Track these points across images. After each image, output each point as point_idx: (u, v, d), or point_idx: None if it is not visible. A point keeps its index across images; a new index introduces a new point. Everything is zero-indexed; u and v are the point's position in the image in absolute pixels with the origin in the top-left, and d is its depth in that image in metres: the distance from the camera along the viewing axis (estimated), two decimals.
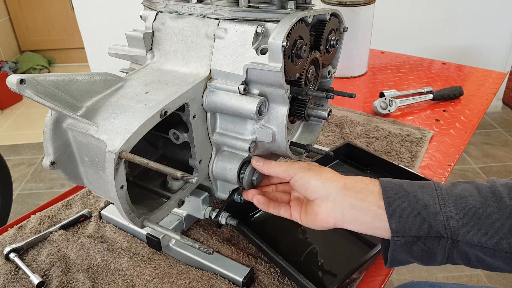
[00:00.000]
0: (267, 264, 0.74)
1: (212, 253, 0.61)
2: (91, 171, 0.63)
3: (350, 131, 1.17)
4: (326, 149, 0.89)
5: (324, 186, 0.60)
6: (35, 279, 0.71)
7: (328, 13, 0.71)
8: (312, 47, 0.73)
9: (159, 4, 0.71)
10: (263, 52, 0.63)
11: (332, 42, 0.75)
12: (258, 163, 0.68)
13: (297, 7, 0.66)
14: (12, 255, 0.76)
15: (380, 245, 0.61)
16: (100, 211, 0.87)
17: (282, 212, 0.67)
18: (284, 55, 0.60)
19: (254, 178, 0.70)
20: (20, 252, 0.78)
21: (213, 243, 0.79)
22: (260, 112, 0.64)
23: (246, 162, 0.70)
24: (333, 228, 0.61)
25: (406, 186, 0.57)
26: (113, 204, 0.79)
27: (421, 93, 1.36)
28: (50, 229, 0.83)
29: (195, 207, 0.75)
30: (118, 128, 0.56)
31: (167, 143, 0.77)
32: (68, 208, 0.90)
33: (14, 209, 1.97)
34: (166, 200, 0.68)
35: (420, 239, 0.54)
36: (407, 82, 1.50)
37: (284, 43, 0.59)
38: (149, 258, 0.76)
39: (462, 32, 2.70)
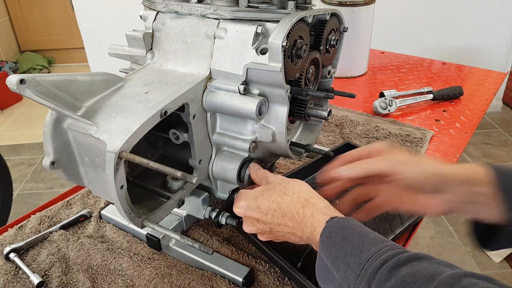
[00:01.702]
0: (267, 264, 0.74)
1: (212, 253, 0.61)
2: (91, 171, 0.63)
3: (350, 131, 1.17)
4: (326, 149, 0.90)
5: (447, 179, 0.58)
6: (35, 279, 0.71)
7: (328, 13, 0.71)
8: (312, 47, 0.73)
9: (159, 4, 0.72)
10: (263, 52, 0.63)
11: (332, 42, 0.75)
12: (348, 171, 0.63)
13: (297, 7, 0.66)
14: (12, 255, 0.76)
15: (473, 229, 0.61)
16: (100, 211, 0.87)
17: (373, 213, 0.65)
18: (284, 55, 0.60)
19: None
20: (20, 252, 0.78)
21: (213, 243, 0.79)
22: (260, 112, 0.64)
23: (246, 162, 0.70)
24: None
25: None
26: (113, 204, 0.79)
27: (421, 93, 1.35)
28: (50, 229, 0.83)
29: (195, 207, 0.75)
30: (118, 128, 0.56)
31: (167, 143, 0.77)
32: (68, 208, 0.90)
33: (14, 209, 1.97)
34: (166, 200, 0.68)
35: None
36: (407, 82, 1.49)
37: (284, 43, 0.59)
38: (149, 258, 0.76)
39: (462, 32, 2.70)
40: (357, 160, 0.64)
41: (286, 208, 0.58)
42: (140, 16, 0.75)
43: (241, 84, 0.64)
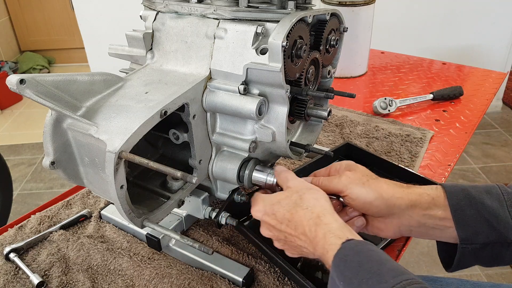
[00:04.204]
0: (267, 264, 0.74)
1: (212, 253, 0.61)
2: (91, 171, 0.63)
3: (350, 131, 1.17)
4: (326, 149, 0.89)
5: (388, 206, 0.58)
6: (35, 279, 0.71)
7: (328, 13, 0.71)
8: (312, 47, 0.73)
9: (159, 4, 0.72)
10: (263, 52, 0.63)
11: (332, 42, 0.75)
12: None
13: (297, 7, 0.66)
14: (12, 255, 0.76)
15: (437, 249, 0.61)
16: (100, 211, 0.87)
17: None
18: (284, 55, 0.60)
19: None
20: (20, 252, 0.78)
21: (213, 243, 0.79)
22: (260, 112, 0.64)
23: (246, 162, 0.70)
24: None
25: (472, 191, 0.56)
26: (113, 204, 0.79)
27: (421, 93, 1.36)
28: (50, 229, 0.83)
29: (195, 207, 0.75)
30: (118, 128, 0.56)
31: (167, 143, 0.77)
32: (68, 208, 0.90)
33: (14, 209, 1.97)
34: (166, 200, 0.68)
35: (488, 246, 0.54)
36: (407, 82, 1.49)
37: (284, 43, 0.59)
38: (149, 258, 0.76)
39: (462, 32, 2.70)
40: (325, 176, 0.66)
41: (299, 222, 0.56)
42: (140, 16, 0.75)
43: (241, 84, 0.64)
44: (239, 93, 0.64)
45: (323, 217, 0.55)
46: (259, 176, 0.69)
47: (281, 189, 0.66)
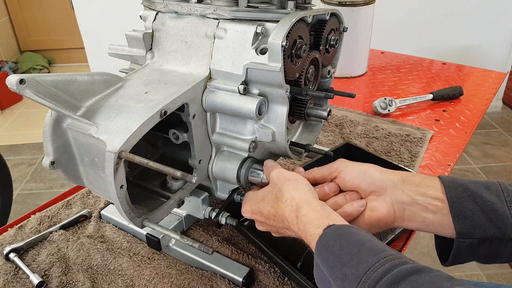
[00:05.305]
0: (267, 264, 0.74)
1: (212, 253, 0.61)
2: (91, 171, 0.63)
3: (350, 131, 1.17)
4: (326, 149, 0.89)
5: (382, 177, 0.59)
6: (35, 279, 0.71)
7: (328, 13, 0.71)
8: (312, 47, 0.73)
9: (159, 4, 0.72)
10: (262, 52, 0.63)
11: (332, 42, 0.75)
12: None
13: (297, 7, 0.66)
14: (12, 255, 0.76)
15: (435, 242, 0.60)
16: (100, 211, 0.87)
17: None
18: (283, 55, 0.60)
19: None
20: (20, 252, 0.78)
21: (213, 243, 0.79)
22: (259, 112, 0.64)
23: (245, 162, 0.70)
24: (386, 228, 0.60)
25: (470, 186, 0.55)
26: (113, 204, 0.79)
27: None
28: (50, 229, 0.83)
29: (195, 207, 0.75)
30: (118, 128, 0.56)
31: (167, 143, 0.77)
32: (68, 208, 0.90)
33: (14, 209, 1.97)
34: (166, 200, 0.68)
35: (486, 241, 0.53)
36: (407, 82, 1.49)
37: (284, 43, 0.59)
38: (149, 258, 0.76)
39: (462, 32, 2.70)
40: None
41: (283, 216, 0.59)
42: (140, 16, 0.75)
43: (240, 84, 0.64)
44: (239, 93, 0.64)
45: (301, 208, 0.56)
46: (255, 175, 0.69)
47: None
